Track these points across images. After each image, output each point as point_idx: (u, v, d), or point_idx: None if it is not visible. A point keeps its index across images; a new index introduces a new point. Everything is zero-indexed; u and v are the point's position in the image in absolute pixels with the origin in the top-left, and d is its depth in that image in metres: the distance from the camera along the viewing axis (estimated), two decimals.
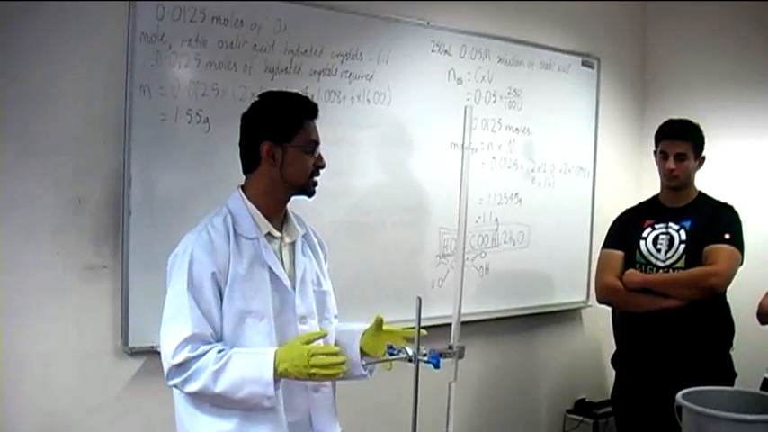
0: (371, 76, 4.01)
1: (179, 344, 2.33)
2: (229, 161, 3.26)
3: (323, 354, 2.31)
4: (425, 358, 1.80)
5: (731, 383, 3.66)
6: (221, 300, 2.40)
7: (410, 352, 1.81)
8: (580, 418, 5.09)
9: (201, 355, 2.33)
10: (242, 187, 2.58)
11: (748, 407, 2.79)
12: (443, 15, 4.32)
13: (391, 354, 1.87)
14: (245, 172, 2.59)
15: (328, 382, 2.59)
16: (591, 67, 5.08)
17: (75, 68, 3.26)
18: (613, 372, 4.09)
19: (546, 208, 4.89)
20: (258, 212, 2.51)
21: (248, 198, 2.52)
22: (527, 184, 4.78)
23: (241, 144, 2.58)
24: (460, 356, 1.78)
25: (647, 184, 5.29)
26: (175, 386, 2.40)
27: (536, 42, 4.77)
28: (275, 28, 3.66)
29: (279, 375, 2.32)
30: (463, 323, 4.26)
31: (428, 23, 4.24)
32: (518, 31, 4.68)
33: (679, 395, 2.82)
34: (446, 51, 4.31)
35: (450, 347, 1.77)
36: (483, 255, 4.55)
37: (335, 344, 2.58)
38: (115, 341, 3.39)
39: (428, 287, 4.31)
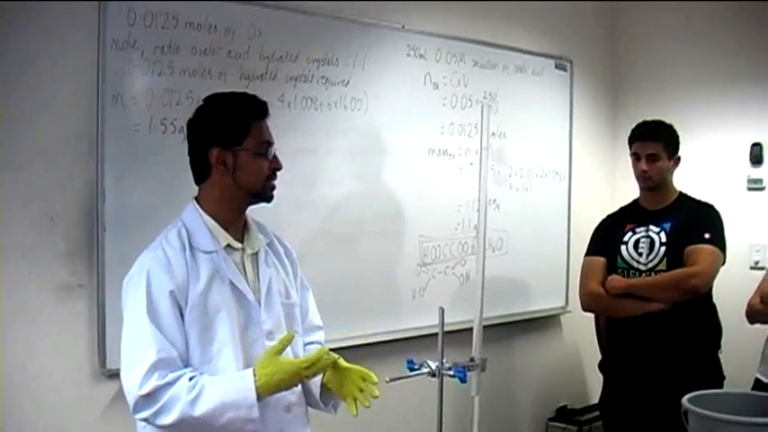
0: (348, 82, 3.92)
1: (145, 372, 2.16)
2: None
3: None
4: (450, 372, 1.68)
5: (720, 386, 3.62)
6: (183, 320, 2.26)
7: (433, 366, 1.70)
8: (563, 425, 5.03)
9: (171, 384, 2.17)
10: (196, 198, 2.45)
11: (748, 409, 2.76)
12: (418, 18, 4.25)
13: (412, 369, 1.75)
14: (197, 182, 2.45)
15: (298, 400, 2.47)
16: (564, 69, 5.04)
17: (42, 78, 3.12)
18: (595, 377, 4.06)
19: (523, 213, 4.83)
20: (215, 224, 2.38)
21: (203, 209, 2.40)
22: (504, 190, 4.71)
23: (189, 153, 2.44)
24: (482, 369, 1.67)
25: (623, 186, 5.29)
26: (146, 420, 2.22)
27: (510, 45, 4.71)
28: (249, 33, 3.56)
29: (260, 393, 2.20)
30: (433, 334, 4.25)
31: (403, 27, 4.16)
32: (492, 33, 4.63)
33: (685, 399, 2.78)
34: (422, 55, 4.23)
35: (473, 360, 1.66)
36: (463, 263, 4.47)
37: None
38: (92, 363, 3.25)
39: (408, 297, 4.22)
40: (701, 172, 4.66)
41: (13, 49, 3.05)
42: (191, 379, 2.19)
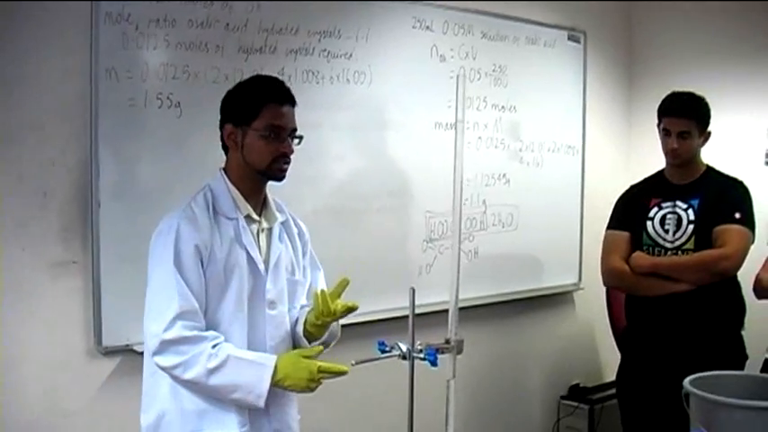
0: (350, 55, 3.84)
1: (171, 319, 2.31)
2: (203, 147, 3.14)
3: (330, 373, 2.36)
4: (421, 355, 1.62)
5: (742, 366, 3.51)
6: (204, 275, 2.40)
7: (404, 348, 1.63)
8: (575, 404, 4.95)
9: (194, 342, 2.32)
10: (224, 168, 2.56)
11: (756, 391, 2.64)
12: None
13: (383, 351, 1.70)
14: (225, 153, 2.57)
15: None
16: (577, 41, 4.93)
17: (35, 53, 3.07)
18: (608, 355, 3.98)
19: (534, 188, 4.74)
20: (239, 194, 2.50)
21: (229, 178, 2.52)
22: (515, 164, 4.63)
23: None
24: (459, 351, 1.61)
25: (637, 161, 5.21)
26: (163, 367, 2.36)
27: (520, 17, 4.60)
28: (248, 6, 3.48)
29: (274, 386, 2.36)
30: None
31: None
32: (501, 5, 4.51)
33: (686, 381, 2.67)
34: (428, 27, 4.14)
35: (448, 342, 1.59)
36: (471, 238, 4.39)
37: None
38: (88, 341, 3.22)
39: (415, 274, 4.17)
40: (718, 146, 4.53)
41: (4, 23, 3.00)
42: (213, 347, 2.33)
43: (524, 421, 5.00)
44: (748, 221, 3.47)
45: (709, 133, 3.56)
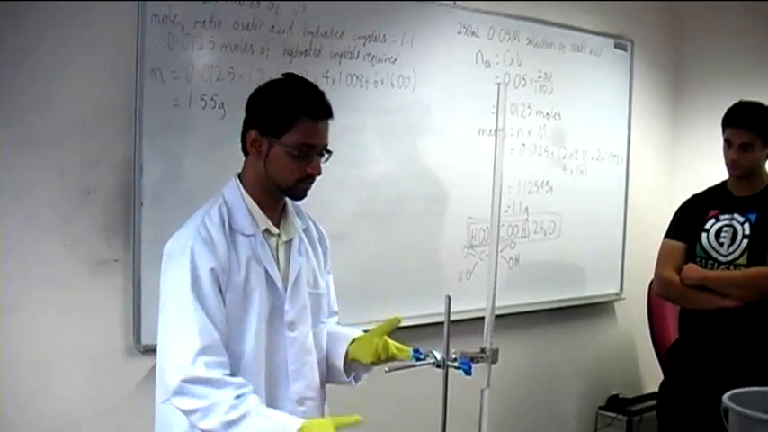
0: (395, 59, 3.83)
1: (192, 356, 2.09)
2: None
3: None
4: (455, 364, 1.60)
5: None
6: (223, 302, 2.19)
7: (438, 357, 1.61)
8: (613, 414, 4.91)
9: (217, 386, 2.08)
10: (239, 175, 2.34)
11: None
12: None
13: (417, 358, 1.67)
14: (244, 154, 2.34)
15: (314, 394, 2.37)
16: (624, 49, 4.88)
17: (81, 52, 3.09)
18: (648, 367, 3.93)
19: (577, 196, 4.70)
20: (255, 206, 2.28)
21: (245, 187, 2.30)
22: (558, 172, 4.59)
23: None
24: (494, 361, 1.58)
25: (682, 171, 5.16)
26: (180, 409, 2.13)
27: (567, 24, 4.57)
28: (294, 8, 3.48)
29: None
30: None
31: (454, 4, 4.05)
32: (548, 11, 4.49)
33: (725, 397, 2.63)
34: (473, 33, 4.12)
35: (483, 351, 1.58)
36: (513, 246, 4.37)
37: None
38: (127, 339, 3.24)
39: (455, 280, 4.15)
40: None
41: (55, 25, 3.03)
42: (237, 397, 2.09)
43: (562, 430, 4.96)
44: None
45: None
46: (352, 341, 2.43)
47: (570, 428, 5.00)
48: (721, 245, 3.50)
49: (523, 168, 4.41)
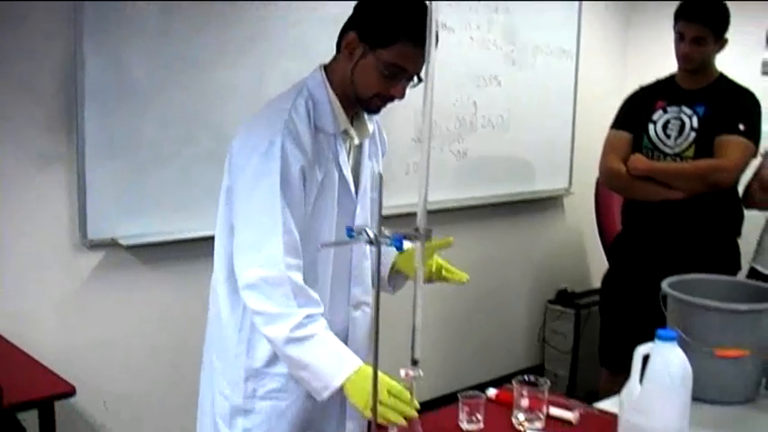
0: None
1: (277, 256, 2.00)
2: (193, 40, 3.08)
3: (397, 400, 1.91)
4: (387, 241, 1.60)
5: (735, 275, 3.49)
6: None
7: (371, 234, 1.61)
8: (562, 308, 5.01)
9: (294, 296, 2.00)
10: (325, 67, 2.19)
11: (735, 297, 2.60)
12: None
13: (350, 236, 1.68)
14: (337, 50, 2.19)
15: (368, 299, 2.32)
16: None
17: None
18: (597, 261, 3.94)
19: (527, 91, 4.71)
20: (338, 103, 2.14)
21: (330, 83, 2.15)
22: (507, 67, 4.58)
23: None
24: (427, 238, 1.59)
25: (634, 65, 5.16)
26: (247, 304, 2.05)
27: None
28: None
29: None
30: (439, 211, 4.18)
31: None
32: None
33: (664, 283, 2.64)
34: None
35: (417, 230, 1.58)
36: (461, 140, 4.38)
37: None
38: (73, 233, 3.23)
39: (402, 173, 4.14)
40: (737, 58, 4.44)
41: None
42: (308, 316, 2.00)
43: (511, 325, 5.06)
44: (752, 134, 3.41)
45: (726, 40, 3.48)
46: (400, 253, 2.35)
47: (519, 322, 5.10)
48: (668, 137, 3.51)
49: (472, 62, 4.38)
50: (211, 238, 2.22)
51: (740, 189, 3.56)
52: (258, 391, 2.17)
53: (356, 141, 2.22)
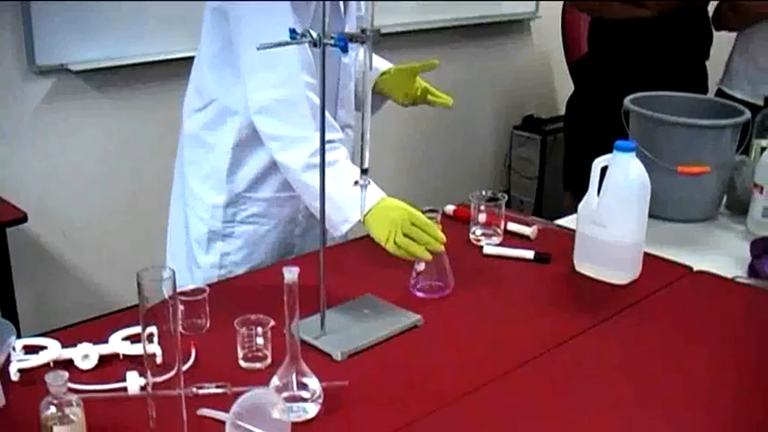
0: None
1: (294, 73, 1.85)
2: None
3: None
4: (331, 42, 1.50)
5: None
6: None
7: (314, 35, 1.51)
8: (527, 134, 4.98)
9: (312, 115, 1.85)
10: None
11: (699, 114, 2.57)
12: None
13: (293, 38, 1.57)
14: None
15: (353, 122, 2.16)
16: None
17: None
18: (564, 87, 3.87)
19: None
20: None
21: None
22: None
23: None
24: (375, 42, 1.50)
25: None
26: (260, 130, 1.91)
27: None
28: None
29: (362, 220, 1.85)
30: (402, 33, 4.09)
31: None
32: None
33: (627, 100, 2.60)
34: None
35: (364, 31, 1.50)
36: None
37: None
38: (20, 61, 3.12)
39: None
40: None
41: None
42: (328, 141, 1.72)
43: (476, 151, 5.04)
44: None
45: None
46: (382, 74, 2.25)
47: (485, 148, 5.07)
48: None
49: None
50: (169, 62, 2.11)
51: (710, 10, 3.48)
52: (238, 215, 2.09)
53: None
